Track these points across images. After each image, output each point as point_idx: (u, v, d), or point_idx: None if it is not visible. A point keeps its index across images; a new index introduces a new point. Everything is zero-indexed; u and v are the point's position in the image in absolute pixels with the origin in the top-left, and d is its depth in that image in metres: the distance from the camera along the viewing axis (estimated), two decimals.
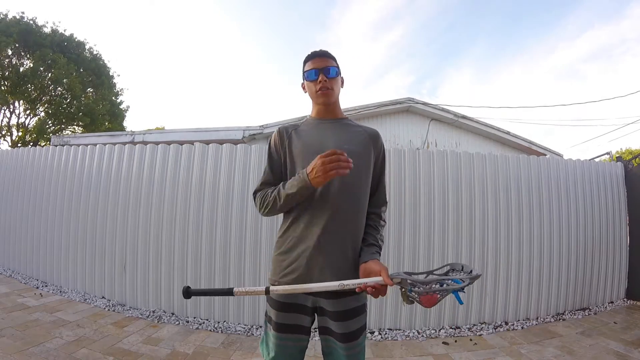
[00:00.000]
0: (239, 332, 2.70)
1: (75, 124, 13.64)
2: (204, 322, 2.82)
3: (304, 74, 1.14)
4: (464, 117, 6.51)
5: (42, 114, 13.10)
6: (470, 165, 3.11)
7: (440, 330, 2.82)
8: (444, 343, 2.60)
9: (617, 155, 4.72)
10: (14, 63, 12.20)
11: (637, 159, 3.81)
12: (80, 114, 12.96)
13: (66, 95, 12.89)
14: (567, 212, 3.38)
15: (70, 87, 12.44)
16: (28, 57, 12.33)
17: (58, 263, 3.51)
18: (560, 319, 3.15)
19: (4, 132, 12.78)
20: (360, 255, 1.06)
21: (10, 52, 11.90)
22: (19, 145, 12.46)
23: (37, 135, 12.41)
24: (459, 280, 0.85)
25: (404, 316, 2.84)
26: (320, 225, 1.02)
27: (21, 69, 12.23)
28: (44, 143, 12.42)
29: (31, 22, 12.34)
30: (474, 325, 2.92)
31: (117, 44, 49.83)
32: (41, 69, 12.01)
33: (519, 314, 3.09)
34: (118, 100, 15.35)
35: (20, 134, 12.94)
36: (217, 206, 2.97)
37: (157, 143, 3.31)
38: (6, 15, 11.80)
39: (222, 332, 2.70)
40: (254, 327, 2.78)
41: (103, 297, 3.21)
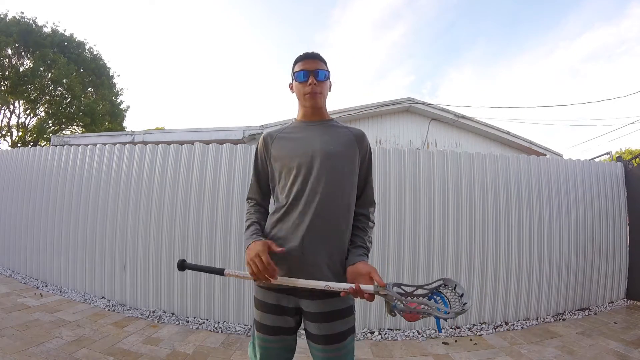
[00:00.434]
0: (239, 332, 2.70)
1: (75, 124, 13.66)
2: (204, 322, 2.82)
3: (293, 74, 1.13)
4: (464, 117, 6.51)
5: (42, 114, 13.13)
6: (470, 165, 3.11)
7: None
8: (444, 343, 2.59)
9: (617, 155, 4.73)
10: (14, 63, 12.21)
11: (637, 159, 3.81)
12: (80, 114, 12.97)
13: (66, 95, 12.91)
14: (567, 212, 3.38)
15: (70, 87, 12.46)
16: (28, 57, 12.35)
17: (58, 263, 3.51)
18: (560, 319, 3.15)
19: (4, 132, 12.80)
20: (347, 258, 1.06)
21: (10, 52, 11.92)
22: (19, 145, 12.46)
23: (37, 135, 12.42)
24: (445, 311, 0.85)
25: None
26: (303, 226, 1.02)
27: (21, 69, 12.24)
28: (44, 143, 12.43)
29: (31, 22, 12.36)
30: (474, 325, 2.93)
31: (117, 44, 49.88)
32: (41, 69, 12.02)
33: (519, 314, 3.09)
34: (118, 100, 15.38)
35: (20, 134, 12.95)
36: (217, 206, 2.97)
37: (157, 143, 3.31)
38: (6, 15, 11.82)
39: (222, 332, 2.70)
40: None
41: (103, 297, 3.21)
